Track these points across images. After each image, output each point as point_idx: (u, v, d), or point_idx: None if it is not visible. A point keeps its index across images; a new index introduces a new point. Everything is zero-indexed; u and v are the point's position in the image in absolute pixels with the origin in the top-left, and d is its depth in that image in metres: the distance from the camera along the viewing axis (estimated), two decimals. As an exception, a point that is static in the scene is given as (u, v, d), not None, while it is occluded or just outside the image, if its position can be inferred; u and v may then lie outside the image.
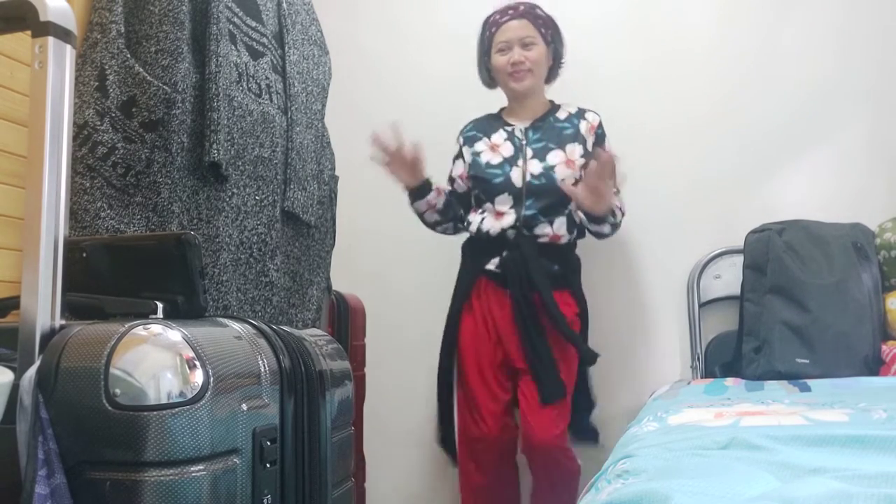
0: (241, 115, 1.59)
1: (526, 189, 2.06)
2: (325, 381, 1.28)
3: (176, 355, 0.96)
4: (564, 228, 2.07)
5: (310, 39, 1.92)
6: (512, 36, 2.10)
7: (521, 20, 2.11)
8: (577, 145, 2.10)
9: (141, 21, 1.48)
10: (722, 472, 0.78)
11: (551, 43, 2.16)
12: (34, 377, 0.93)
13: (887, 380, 1.82)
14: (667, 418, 1.28)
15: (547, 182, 2.05)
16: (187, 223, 1.47)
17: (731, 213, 2.39)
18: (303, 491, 1.18)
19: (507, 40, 2.11)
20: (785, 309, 2.05)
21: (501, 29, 2.12)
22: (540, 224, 2.05)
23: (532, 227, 2.05)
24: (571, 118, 2.15)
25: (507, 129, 2.17)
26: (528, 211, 2.05)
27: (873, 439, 0.91)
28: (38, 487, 0.87)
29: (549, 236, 2.06)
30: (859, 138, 2.36)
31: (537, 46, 2.11)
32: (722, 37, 2.48)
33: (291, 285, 1.78)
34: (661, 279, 2.44)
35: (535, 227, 2.05)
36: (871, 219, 2.20)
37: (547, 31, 2.14)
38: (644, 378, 2.39)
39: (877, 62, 2.37)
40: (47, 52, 0.99)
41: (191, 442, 0.93)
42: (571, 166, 2.07)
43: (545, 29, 2.14)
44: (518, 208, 2.06)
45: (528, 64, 2.09)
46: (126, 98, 1.42)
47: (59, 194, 0.99)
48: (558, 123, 2.14)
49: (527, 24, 2.11)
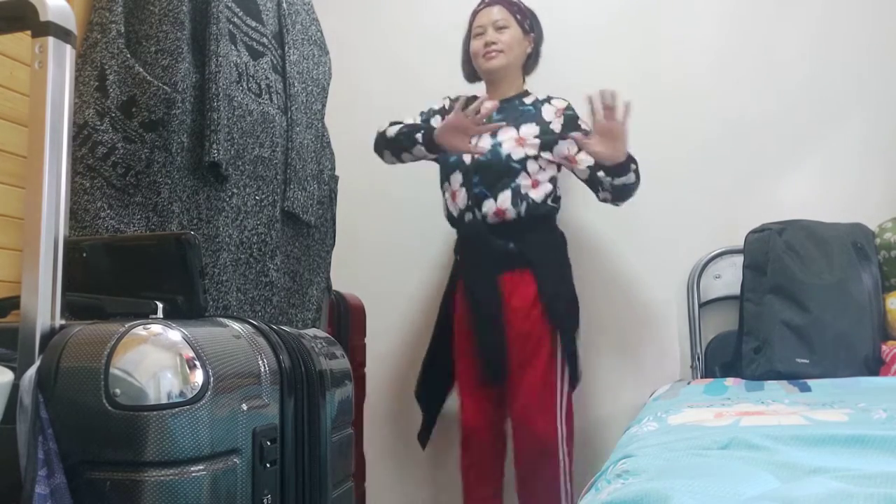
0: (241, 115, 1.59)
1: (474, 166, 2.10)
2: (325, 381, 1.28)
3: (176, 355, 0.96)
4: (509, 202, 2.08)
5: (310, 39, 1.92)
6: (486, 20, 2.17)
7: (498, 6, 2.18)
8: (534, 125, 2.12)
9: (141, 21, 1.48)
10: (722, 472, 0.78)
11: (530, 32, 2.21)
12: (34, 377, 0.93)
13: (887, 380, 1.82)
14: (667, 418, 1.28)
15: (492, 157, 2.09)
16: (187, 223, 1.47)
17: (731, 213, 2.39)
18: (303, 491, 1.18)
19: (482, 24, 2.18)
20: (785, 309, 2.05)
21: (479, 15, 2.21)
22: (486, 200, 2.08)
23: (481, 204, 2.09)
24: (536, 103, 2.18)
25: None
26: (476, 188, 2.09)
27: (873, 439, 0.90)
28: (38, 487, 0.87)
29: (494, 211, 2.08)
30: (859, 138, 2.36)
31: (510, 30, 2.16)
32: (722, 37, 2.48)
33: (291, 285, 1.78)
34: (661, 279, 2.44)
35: (483, 203, 2.09)
36: (871, 219, 2.20)
37: (524, 20, 2.20)
38: (644, 378, 2.39)
39: (877, 62, 2.36)
40: (47, 52, 0.99)
41: (191, 442, 0.93)
42: (521, 143, 2.09)
43: (521, 16, 2.19)
44: (468, 186, 2.11)
45: (501, 45, 2.14)
46: (126, 98, 1.42)
47: (59, 194, 0.99)
48: (521, 106, 2.18)
49: (501, 9, 2.18)
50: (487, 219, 2.09)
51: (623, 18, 2.56)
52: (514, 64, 2.19)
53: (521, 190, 2.08)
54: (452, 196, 2.15)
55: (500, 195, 2.08)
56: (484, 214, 2.09)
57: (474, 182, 2.10)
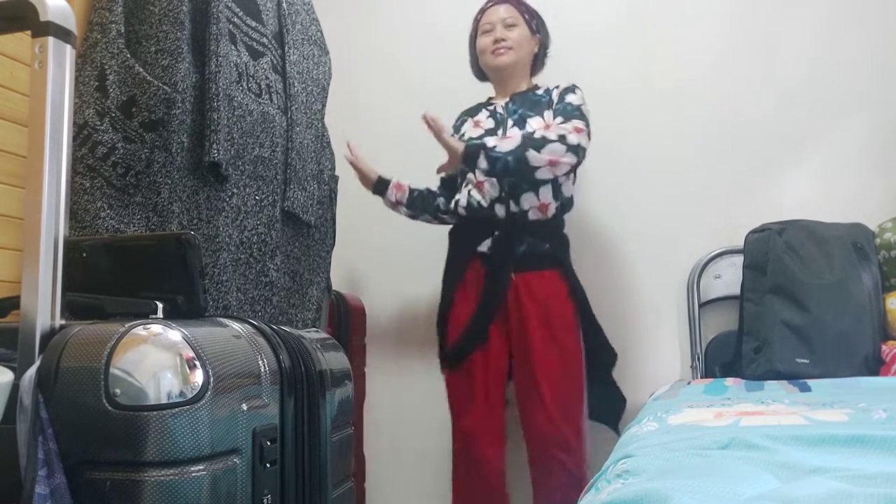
0: (241, 115, 1.59)
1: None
2: (325, 381, 1.28)
3: (176, 355, 0.96)
4: (550, 196, 2.06)
5: (310, 39, 1.92)
6: (495, 18, 2.18)
7: (506, 5, 2.19)
8: (552, 112, 2.11)
9: (141, 21, 1.48)
10: (722, 472, 0.78)
11: (536, 32, 2.22)
12: (34, 377, 0.93)
13: (887, 380, 1.82)
14: (667, 418, 1.27)
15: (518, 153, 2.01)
16: (187, 223, 1.47)
17: (731, 213, 2.39)
18: (303, 491, 1.18)
19: (491, 21, 2.18)
20: (785, 309, 2.05)
21: (486, 13, 2.21)
22: (525, 193, 2.04)
23: (518, 196, 2.04)
24: (547, 91, 2.18)
25: (490, 107, 2.23)
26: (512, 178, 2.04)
27: (873, 439, 0.90)
28: (38, 487, 0.87)
29: (537, 206, 2.05)
30: (859, 138, 2.36)
31: (519, 28, 2.17)
32: (722, 37, 2.48)
33: (291, 285, 1.78)
34: (661, 279, 2.44)
35: (521, 195, 2.04)
36: (871, 219, 2.20)
37: (531, 19, 2.21)
38: (644, 378, 2.39)
39: (877, 62, 2.36)
40: (47, 52, 0.99)
41: (191, 442, 0.93)
42: (548, 128, 2.05)
43: (528, 16, 2.20)
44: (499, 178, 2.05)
45: (510, 42, 2.15)
46: (126, 98, 1.42)
47: (59, 194, 0.99)
48: (535, 97, 2.18)
49: (510, 7, 2.19)
50: (529, 214, 2.05)
51: (622, 19, 2.56)
52: (522, 62, 2.19)
53: (559, 187, 2.07)
54: (478, 186, 2.08)
55: (541, 188, 2.04)
56: (523, 210, 2.04)
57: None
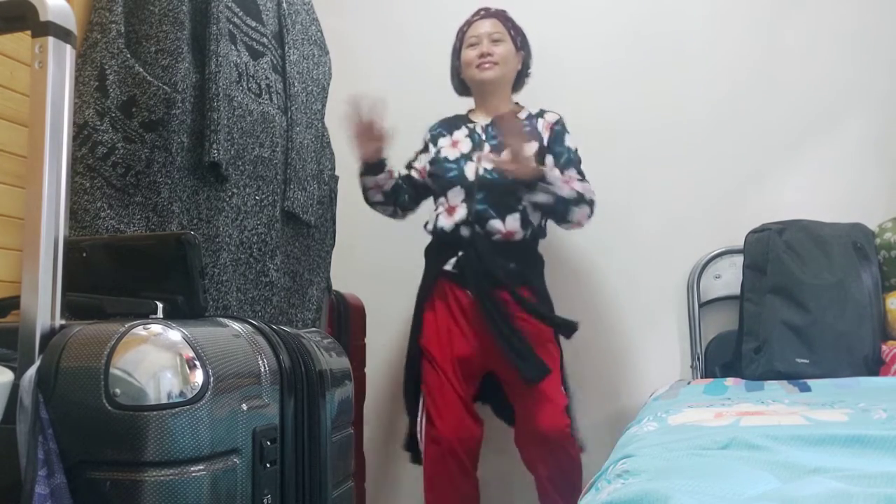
0: (241, 115, 1.59)
1: (478, 183, 2.06)
2: (325, 381, 1.28)
3: (176, 355, 0.96)
4: (518, 224, 2.05)
5: (310, 39, 1.92)
6: (482, 31, 2.16)
7: (492, 19, 2.18)
8: (534, 143, 2.09)
9: (141, 21, 1.48)
10: (722, 472, 0.78)
11: (521, 49, 2.20)
12: (34, 377, 0.93)
13: (887, 380, 1.82)
14: (667, 418, 1.28)
15: (499, 177, 2.02)
16: (187, 223, 1.47)
17: (731, 213, 2.39)
18: (303, 491, 1.18)
19: (478, 35, 2.16)
20: (785, 309, 2.05)
21: (473, 26, 2.20)
22: (492, 220, 2.04)
23: (484, 222, 2.04)
24: (531, 118, 2.16)
25: (469, 125, 2.20)
26: (479, 205, 2.04)
27: (873, 439, 0.90)
28: (38, 487, 0.87)
29: (503, 233, 2.04)
30: (859, 138, 2.36)
31: (505, 43, 2.16)
32: (722, 37, 2.49)
33: (291, 285, 1.78)
34: (661, 279, 2.44)
35: (487, 222, 2.04)
36: (871, 219, 2.20)
37: (517, 36, 2.20)
38: (644, 378, 2.39)
39: (876, 61, 2.37)
40: (47, 52, 0.99)
41: (191, 442, 0.93)
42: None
43: (514, 32, 2.19)
44: (469, 202, 2.06)
45: (496, 57, 2.13)
46: (126, 98, 1.42)
47: (59, 194, 0.99)
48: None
49: (496, 22, 2.18)
50: (493, 237, 2.04)
51: (623, 19, 2.56)
52: (506, 78, 2.18)
53: (528, 213, 2.06)
54: (449, 211, 2.09)
55: (508, 217, 2.04)
56: (489, 232, 2.04)
57: (478, 199, 2.05)
